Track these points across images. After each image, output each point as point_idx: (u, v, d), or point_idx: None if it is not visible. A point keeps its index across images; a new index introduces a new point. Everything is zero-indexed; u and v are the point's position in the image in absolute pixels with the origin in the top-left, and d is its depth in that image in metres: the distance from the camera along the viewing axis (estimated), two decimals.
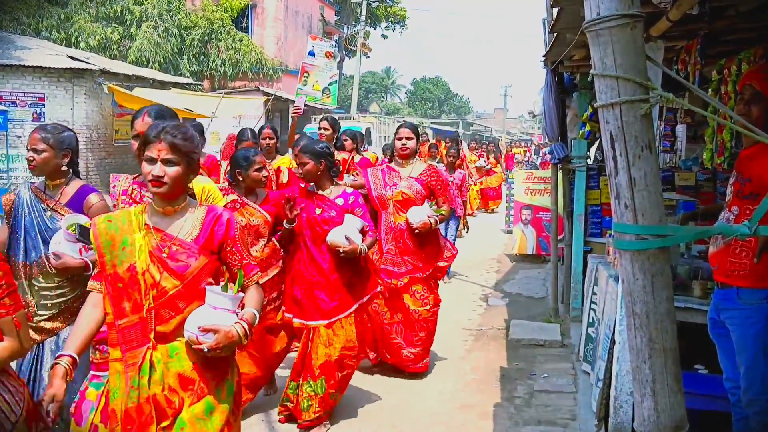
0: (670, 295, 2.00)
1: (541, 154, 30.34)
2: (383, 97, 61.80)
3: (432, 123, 42.99)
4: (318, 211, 4.72)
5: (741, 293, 3.35)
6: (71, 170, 3.86)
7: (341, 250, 4.52)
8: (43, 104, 15.96)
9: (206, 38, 24.25)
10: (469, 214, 12.64)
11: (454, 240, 9.24)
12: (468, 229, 9.39)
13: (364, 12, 32.78)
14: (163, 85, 19.14)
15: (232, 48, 24.56)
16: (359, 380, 5.64)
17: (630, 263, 1.99)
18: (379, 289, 5.14)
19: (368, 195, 5.70)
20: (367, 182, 5.81)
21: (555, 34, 5.77)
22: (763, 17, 4.57)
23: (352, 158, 7.29)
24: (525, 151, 33.40)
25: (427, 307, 5.72)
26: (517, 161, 28.20)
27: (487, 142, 22.85)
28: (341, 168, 6.61)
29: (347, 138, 7.65)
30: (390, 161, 10.87)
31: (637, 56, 1.92)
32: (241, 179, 4.79)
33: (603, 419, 4.41)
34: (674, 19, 4.15)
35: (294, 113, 8.00)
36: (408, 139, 5.78)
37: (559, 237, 8.09)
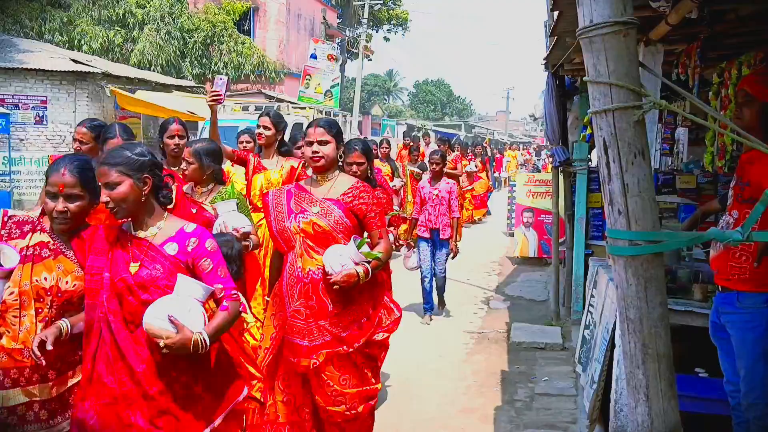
0: (664, 301, 2.00)
1: (543, 156, 29.98)
2: (386, 100, 61.82)
3: (434, 125, 43.04)
4: (134, 267, 2.77)
5: (741, 297, 3.35)
6: None
7: (162, 344, 2.61)
8: (46, 107, 16.01)
9: (208, 41, 24.31)
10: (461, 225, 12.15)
11: (444, 272, 7.84)
12: (455, 256, 7.87)
13: (366, 14, 32.79)
14: (166, 87, 19.18)
15: (234, 51, 24.62)
16: None
17: (623, 269, 2.00)
18: (242, 396, 3.09)
19: (269, 229, 3.87)
20: (266, 210, 3.82)
21: (555, 38, 5.78)
22: (764, 20, 4.57)
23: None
24: (523, 153, 32.61)
25: (342, 407, 3.58)
26: (518, 164, 27.51)
27: (474, 145, 19.05)
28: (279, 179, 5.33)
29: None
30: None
31: (630, 63, 1.93)
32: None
33: (595, 421, 4.42)
34: (673, 23, 4.16)
35: (212, 100, 5.05)
36: (322, 143, 3.66)
37: (561, 240, 8.09)
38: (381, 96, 61.24)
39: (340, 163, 3.84)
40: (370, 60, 36.15)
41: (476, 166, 16.56)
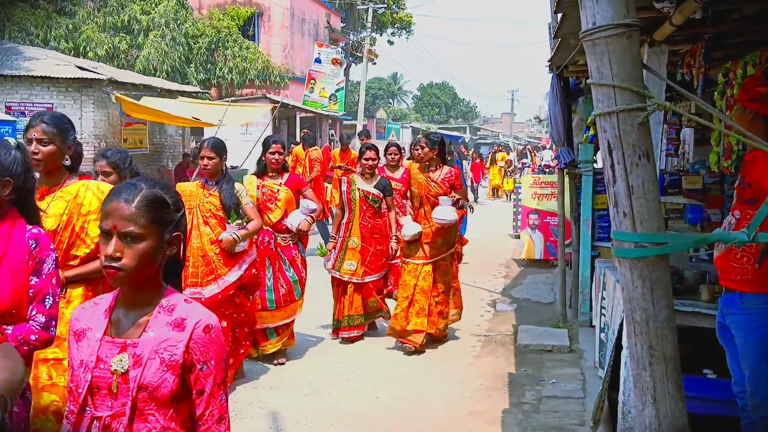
0: (670, 303, 2.00)
1: (516, 158, 28.12)
2: (390, 103, 61.89)
3: (439, 128, 43.07)
4: None
5: (744, 298, 3.34)
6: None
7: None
8: None
9: (213, 46, 24.41)
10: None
11: None
12: None
13: (370, 18, 32.83)
14: (171, 93, 19.22)
15: (239, 56, 24.72)
16: (366, 386, 5.64)
17: (629, 271, 1.99)
18: None
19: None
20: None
21: (559, 40, 5.77)
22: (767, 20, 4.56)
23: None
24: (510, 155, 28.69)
25: None
26: (510, 169, 25.06)
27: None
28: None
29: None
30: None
31: (634, 65, 1.93)
32: None
33: (598, 422, 4.41)
34: (677, 23, 4.16)
35: None
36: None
37: (567, 242, 8.08)
38: (385, 99, 61.34)
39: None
40: (375, 63, 36.19)
41: None
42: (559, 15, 5.00)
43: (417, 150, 7.02)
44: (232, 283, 5.27)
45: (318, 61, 24.20)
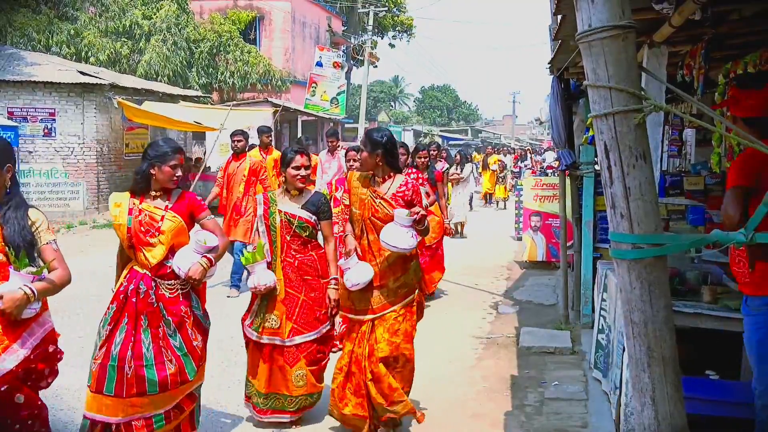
0: (668, 304, 1.99)
1: (511, 161, 25.28)
2: (392, 106, 61.95)
3: (441, 131, 43.09)
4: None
5: (747, 300, 3.39)
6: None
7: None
8: (54, 119, 16.11)
9: (215, 51, 24.47)
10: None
11: None
12: None
13: (371, 21, 32.89)
14: (173, 98, 19.27)
15: (241, 60, 24.77)
16: None
17: (627, 272, 1.99)
18: None
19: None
20: None
21: (559, 42, 5.78)
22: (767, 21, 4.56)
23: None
24: (511, 159, 26.36)
25: None
26: (501, 173, 22.93)
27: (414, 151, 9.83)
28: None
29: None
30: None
31: (630, 67, 1.93)
32: None
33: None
34: (677, 24, 4.16)
35: None
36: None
37: (569, 243, 8.07)
38: (387, 102, 61.40)
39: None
40: (376, 67, 36.22)
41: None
42: (559, 17, 5.01)
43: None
44: (9, 371, 3.19)
45: (319, 64, 24.09)
